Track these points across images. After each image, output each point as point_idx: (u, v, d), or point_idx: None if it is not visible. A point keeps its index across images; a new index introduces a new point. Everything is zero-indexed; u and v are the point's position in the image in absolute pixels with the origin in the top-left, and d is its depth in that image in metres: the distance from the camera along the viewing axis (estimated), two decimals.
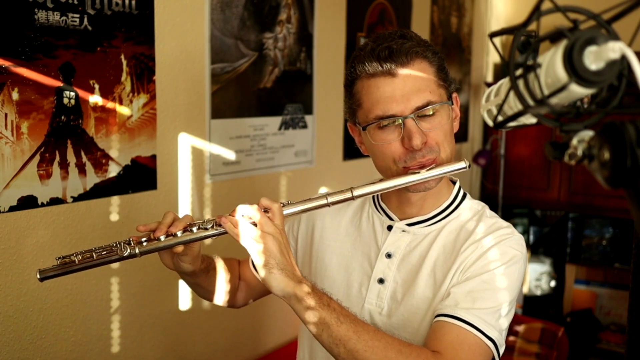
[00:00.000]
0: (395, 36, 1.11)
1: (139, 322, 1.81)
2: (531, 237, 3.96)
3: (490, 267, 1.08)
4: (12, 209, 1.44)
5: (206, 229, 1.08)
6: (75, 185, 1.57)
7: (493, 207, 3.97)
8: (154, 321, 1.85)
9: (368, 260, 1.22)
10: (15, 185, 1.43)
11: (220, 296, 1.33)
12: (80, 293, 1.63)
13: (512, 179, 3.91)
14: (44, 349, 1.55)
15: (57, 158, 1.52)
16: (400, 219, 1.21)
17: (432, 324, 1.08)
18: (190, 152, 1.91)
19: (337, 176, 2.59)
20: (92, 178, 1.61)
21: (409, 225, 1.20)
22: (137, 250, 1.07)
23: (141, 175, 1.74)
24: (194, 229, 1.08)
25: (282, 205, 1.09)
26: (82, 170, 1.58)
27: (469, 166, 1.11)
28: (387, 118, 1.08)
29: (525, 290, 3.97)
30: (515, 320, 3.28)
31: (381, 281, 1.18)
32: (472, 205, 1.21)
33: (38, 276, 1.07)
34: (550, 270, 3.95)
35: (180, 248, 1.09)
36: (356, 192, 1.09)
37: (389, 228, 1.21)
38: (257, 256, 1.01)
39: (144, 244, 1.08)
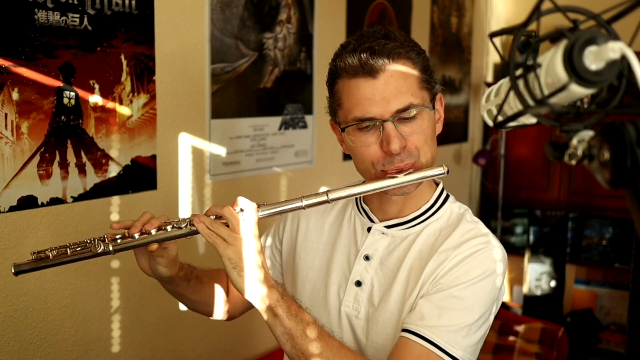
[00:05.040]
0: (379, 35, 1.07)
1: (139, 322, 1.81)
2: (531, 237, 3.96)
3: (461, 280, 1.05)
4: (12, 209, 1.44)
5: (180, 228, 1.07)
6: (75, 185, 1.57)
7: (493, 207, 4.02)
8: (154, 321, 1.85)
9: (347, 262, 1.19)
10: (15, 185, 1.43)
11: (206, 307, 1.30)
12: (80, 293, 1.63)
13: (512, 179, 3.91)
14: (44, 349, 1.55)
15: (57, 158, 1.52)
16: (381, 220, 1.18)
17: (397, 336, 1.07)
18: (190, 152, 1.91)
19: (337, 176, 2.59)
20: (92, 178, 1.61)
21: (388, 227, 1.17)
22: (110, 248, 1.06)
23: (141, 175, 1.74)
24: (169, 228, 1.07)
25: (257, 206, 1.07)
26: (82, 170, 1.58)
27: (448, 171, 1.08)
28: (366, 120, 1.06)
29: (525, 290, 3.97)
30: (515, 320, 3.29)
31: (358, 284, 1.15)
32: (453, 209, 1.18)
33: (12, 270, 1.06)
34: (550, 270, 3.95)
35: (154, 246, 1.08)
36: (332, 195, 1.07)
37: (369, 230, 1.18)
38: (226, 258, 1.01)
39: (118, 241, 1.07)
